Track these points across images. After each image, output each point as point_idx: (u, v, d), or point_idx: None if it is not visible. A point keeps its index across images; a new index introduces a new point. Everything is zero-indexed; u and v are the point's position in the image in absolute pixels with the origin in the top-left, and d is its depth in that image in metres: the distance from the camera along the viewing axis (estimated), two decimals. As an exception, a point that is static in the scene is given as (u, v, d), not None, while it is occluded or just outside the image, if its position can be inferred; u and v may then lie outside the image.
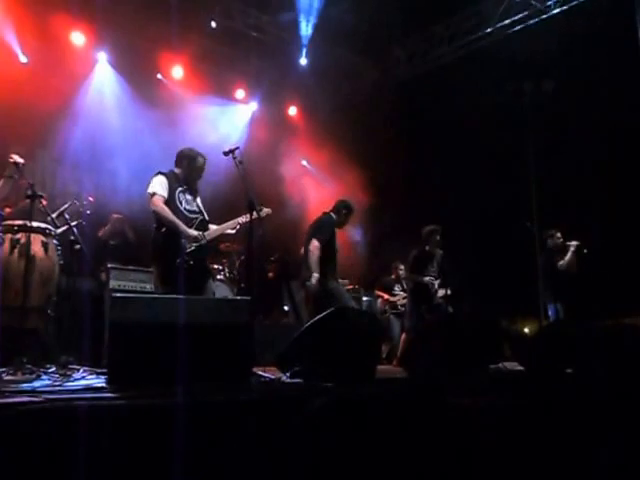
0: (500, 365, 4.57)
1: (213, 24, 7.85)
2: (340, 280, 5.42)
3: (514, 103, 6.27)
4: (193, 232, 4.13)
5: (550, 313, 6.28)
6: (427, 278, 6.03)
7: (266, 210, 4.34)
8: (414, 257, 6.20)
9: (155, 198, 4.13)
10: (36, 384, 2.76)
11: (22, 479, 1.80)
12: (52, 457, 1.84)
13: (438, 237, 6.12)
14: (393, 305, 7.45)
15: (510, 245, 6.84)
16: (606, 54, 6.57)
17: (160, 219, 4.14)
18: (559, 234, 6.46)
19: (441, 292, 6.19)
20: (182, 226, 4.10)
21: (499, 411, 3.22)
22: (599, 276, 6.41)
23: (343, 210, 5.24)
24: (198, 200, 4.42)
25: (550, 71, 6.61)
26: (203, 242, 4.18)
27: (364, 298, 7.72)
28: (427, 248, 6.16)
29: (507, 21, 7.53)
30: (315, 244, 4.97)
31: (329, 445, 2.65)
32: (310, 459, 2.55)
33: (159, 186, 4.17)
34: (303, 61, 8.61)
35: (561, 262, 6.30)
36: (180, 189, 4.25)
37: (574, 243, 6.32)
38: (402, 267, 7.33)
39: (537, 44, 6.98)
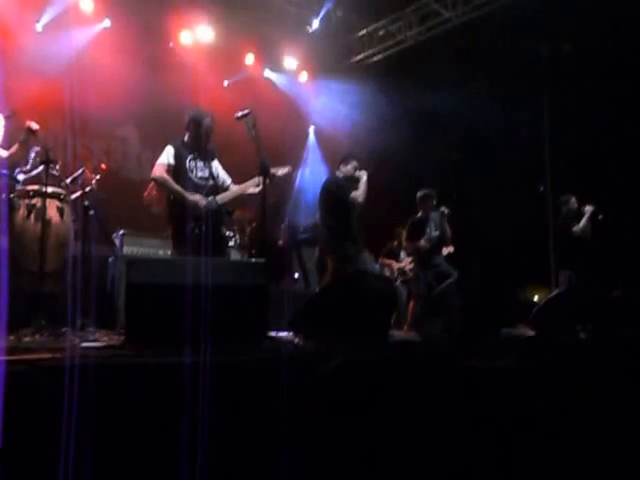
0: (512, 330, 4.59)
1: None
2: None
3: (530, 65, 6.15)
4: (195, 197, 4.07)
5: (563, 279, 6.25)
6: (421, 241, 6.07)
7: (284, 169, 4.21)
8: (409, 225, 6.29)
9: (155, 167, 4.13)
10: (55, 344, 2.81)
11: (44, 432, 1.84)
12: (71, 412, 1.87)
13: (432, 202, 6.14)
14: (402, 271, 7.46)
15: (522, 210, 6.80)
16: (625, 15, 6.40)
17: (161, 187, 4.15)
18: (574, 199, 6.36)
19: (445, 251, 6.25)
20: (184, 193, 4.07)
21: (510, 374, 3.25)
22: (614, 242, 6.36)
23: (347, 165, 5.12)
24: (214, 163, 4.36)
25: (568, 33, 6.46)
26: (214, 206, 4.15)
27: (376, 266, 7.72)
28: (420, 213, 6.22)
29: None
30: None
31: (342, 406, 2.69)
32: (323, 420, 2.59)
33: (164, 156, 4.16)
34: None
35: (575, 228, 6.22)
36: (191, 156, 4.19)
37: (589, 208, 6.23)
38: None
39: (554, 5, 6.82)
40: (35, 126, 4.05)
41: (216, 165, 4.39)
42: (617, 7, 6.32)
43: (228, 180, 4.40)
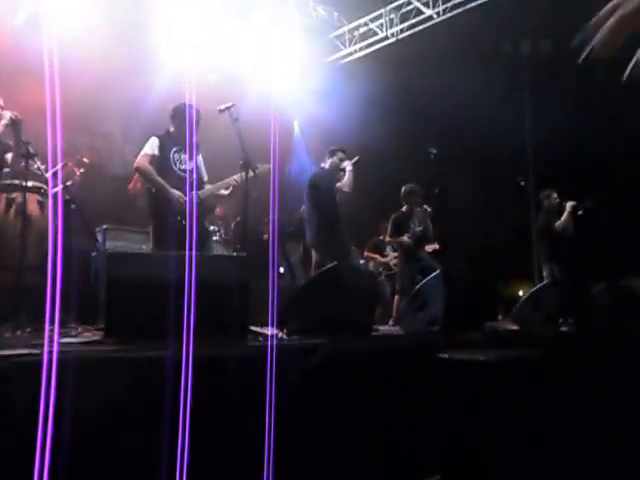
0: (495, 324, 4.63)
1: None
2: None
3: (512, 62, 6.19)
4: (176, 192, 4.03)
5: (545, 274, 6.32)
6: (404, 237, 6.07)
7: (264, 166, 4.13)
8: (392, 220, 6.29)
9: (139, 158, 4.09)
10: (35, 340, 2.76)
11: (20, 429, 1.82)
12: (48, 408, 1.85)
13: (417, 197, 6.15)
14: (386, 266, 7.46)
15: (506, 205, 6.85)
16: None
17: (143, 178, 4.12)
18: (555, 194, 6.44)
19: (429, 248, 6.27)
20: (165, 185, 4.04)
21: (493, 368, 3.27)
22: (595, 237, 6.43)
23: (333, 156, 5.16)
24: (199, 158, 4.34)
25: (548, 29, 6.51)
26: (196, 201, 4.12)
27: (361, 261, 7.73)
28: (405, 208, 6.22)
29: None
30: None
31: (325, 400, 2.69)
32: (306, 413, 2.59)
33: (148, 146, 4.12)
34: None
35: (557, 223, 6.29)
36: (175, 149, 4.16)
37: (570, 204, 6.30)
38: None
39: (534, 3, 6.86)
40: (19, 117, 4.00)
41: (200, 159, 4.36)
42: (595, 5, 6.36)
43: (205, 177, 4.38)
